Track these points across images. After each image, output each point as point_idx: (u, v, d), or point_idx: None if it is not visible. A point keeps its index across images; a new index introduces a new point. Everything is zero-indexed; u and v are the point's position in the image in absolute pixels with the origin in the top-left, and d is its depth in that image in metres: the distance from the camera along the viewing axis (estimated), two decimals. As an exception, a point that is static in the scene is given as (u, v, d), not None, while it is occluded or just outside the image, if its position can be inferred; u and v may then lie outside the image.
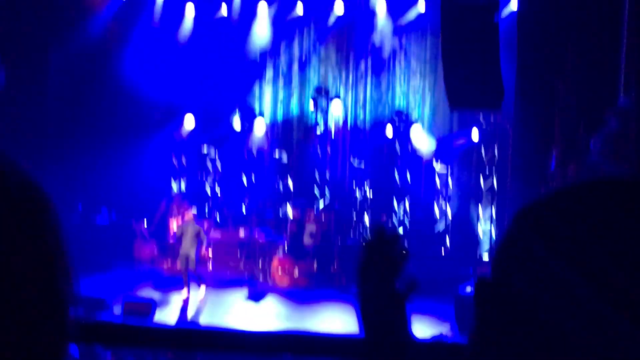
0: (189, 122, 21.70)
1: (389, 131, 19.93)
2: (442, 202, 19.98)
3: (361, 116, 21.24)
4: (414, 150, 20.00)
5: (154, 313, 14.29)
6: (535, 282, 0.99)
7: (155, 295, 15.57)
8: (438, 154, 19.65)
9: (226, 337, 2.48)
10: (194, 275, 16.15)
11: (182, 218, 19.23)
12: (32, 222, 0.91)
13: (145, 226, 19.73)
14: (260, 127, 21.44)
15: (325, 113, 20.39)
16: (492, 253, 1.22)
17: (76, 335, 0.97)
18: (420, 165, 19.97)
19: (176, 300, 16.01)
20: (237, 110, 21.71)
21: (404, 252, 1.82)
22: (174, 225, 19.39)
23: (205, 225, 20.25)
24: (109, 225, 19.55)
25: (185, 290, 15.89)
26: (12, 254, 0.87)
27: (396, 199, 20.25)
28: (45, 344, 0.91)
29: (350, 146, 20.96)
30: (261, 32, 21.40)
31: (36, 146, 19.09)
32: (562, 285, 0.96)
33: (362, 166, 20.76)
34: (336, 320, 14.86)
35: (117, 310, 14.50)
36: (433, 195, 20.02)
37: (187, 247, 16.00)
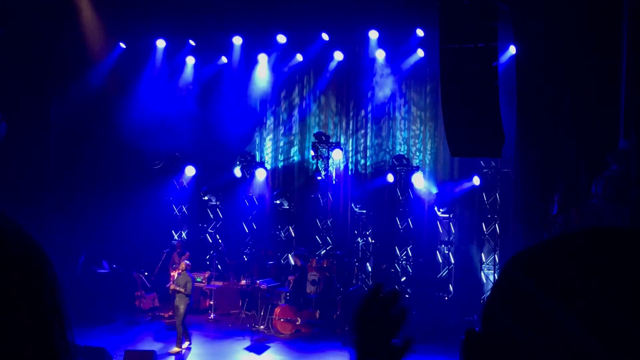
0: (190, 170, 21.78)
1: (390, 177, 19.95)
2: (444, 247, 19.90)
3: (362, 162, 21.30)
4: (416, 196, 19.99)
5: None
6: (525, 329, 1.00)
7: (156, 346, 15.42)
8: (440, 199, 19.63)
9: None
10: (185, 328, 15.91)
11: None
12: (30, 280, 0.92)
13: (146, 276, 19.68)
14: (261, 175, 21.50)
15: (327, 159, 20.46)
16: (483, 304, 1.22)
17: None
18: (422, 211, 19.93)
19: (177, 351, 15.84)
20: (238, 157, 21.81)
21: (403, 310, 1.81)
22: (174, 274, 19.31)
23: (207, 274, 20.18)
24: (111, 276, 19.47)
25: (178, 344, 15.69)
26: (9, 313, 0.87)
27: (398, 245, 20.17)
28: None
29: (352, 192, 20.97)
30: (261, 80, 21.64)
31: (38, 196, 19.15)
32: (552, 330, 0.97)
33: (364, 212, 20.74)
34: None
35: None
36: (435, 241, 19.94)
37: (177, 299, 15.88)
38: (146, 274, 19.76)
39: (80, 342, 14.96)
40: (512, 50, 16.77)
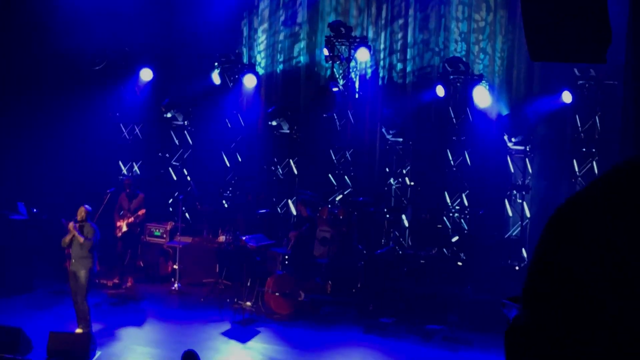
0: (146, 74, 21.72)
1: (440, 90, 19.87)
2: (516, 194, 19.93)
3: (399, 67, 21.18)
4: (478, 118, 19.93)
5: (93, 353, 14.38)
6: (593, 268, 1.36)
7: (95, 326, 15.67)
8: (512, 124, 19.58)
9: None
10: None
11: (134, 213, 19.32)
12: None
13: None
14: (250, 83, 21.43)
15: (347, 62, 20.34)
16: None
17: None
18: (485, 141, 19.90)
19: (125, 334, 16.09)
20: (216, 57, 21.71)
21: None
22: (122, 224, 19.49)
23: (169, 226, 20.34)
24: (30, 225, 19.63)
25: (83, 324, 15.63)
26: None
27: (449, 190, 20.21)
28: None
29: (383, 111, 20.92)
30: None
31: None
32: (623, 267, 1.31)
33: (400, 140, 20.73)
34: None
35: (39, 346, 14.60)
36: (504, 185, 19.97)
37: (73, 262, 15.73)
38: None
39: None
40: None
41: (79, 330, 15.17)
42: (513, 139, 19.67)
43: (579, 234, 1.40)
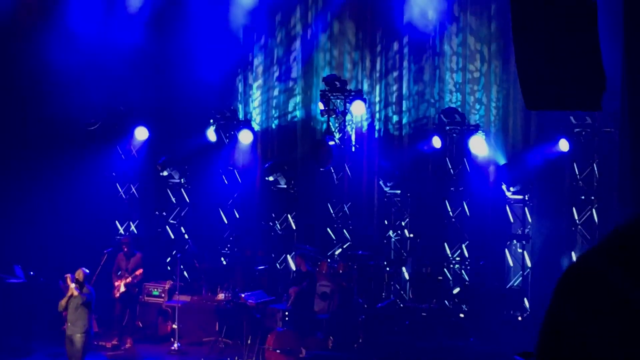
0: (141, 133, 21.76)
1: (437, 141, 19.90)
2: (516, 244, 19.87)
3: (395, 119, 21.23)
4: (475, 169, 19.94)
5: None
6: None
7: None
8: (510, 173, 19.59)
9: None
10: None
11: (131, 273, 19.26)
12: None
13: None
14: (246, 139, 21.46)
15: (343, 116, 20.40)
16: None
17: None
18: (484, 191, 19.90)
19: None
20: (212, 114, 21.77)
21: None
22: (120, 284, 19.40)
23: (168, 285, 20.26)
24: (27, 288, 19.55)
25: None
26: None
27: (449, 241, 20.16)
28: None
29: (380, 164, 20.93)
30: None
31: None
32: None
33: (398, 192, 20.72)
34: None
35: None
36: (504, 235, 19.92)
37: (69, 326, 15.54)
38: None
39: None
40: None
41: None
42: (511, 189, 19.67)
43: (590, 294, 1.41)
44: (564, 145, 19.01)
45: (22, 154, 20.96)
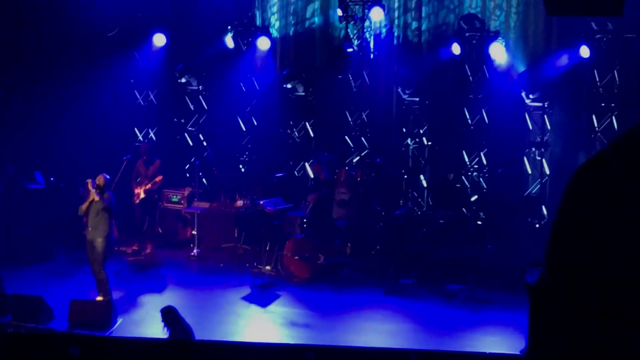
0: (159, 39, 21.66)
1: (456, 48, 19.75)
2: (535, 151, 19.85)
3: (414, 26, 21.05)
4: (494, 76, 19.82)
5: (114, 320, 14.47)
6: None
7: (115, 294, 15.75)
8: (530, 80, 19.47)
9: (218, 353, 2.51)
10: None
11: (151, 180, 19.38)
12: None
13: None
14: (263, 46, 21.35)
15: (361, 22, 20.24)
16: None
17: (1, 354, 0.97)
18: (503, 98, 19.82)
19: (145, 301, 16.18)
20: (230, 23, 21.63)
21: None
22: (140, 190, 19.53)
23: (187, 192, 20.38)
24: (47, 193, 19.70)
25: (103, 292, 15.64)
26: None
27: (467, 149, 20.14)
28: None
29: (399, 71, 20.82)
30: None
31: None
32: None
33: (416, 100, 20.66)
34: (379, 330, 14.91)
35: (60, 315, 14.69)
36: (523, 142, 19.88)
37: (90, 231, 15.71)
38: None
39: (9, 289, 15.30)
40: None
41: (99, 298, 15.24)
42: (531, 96, 19.58)
43: (599, 194, 1.40)
44: (584, 51, 18.85)
45: (42, 62, 20.96)
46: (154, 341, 11.14)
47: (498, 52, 19.56)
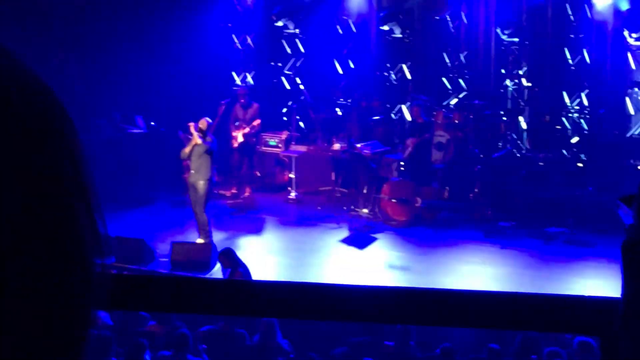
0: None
1: (556, -13, 19.40)
2: (637, 92, 19.43)
3: (513, -35, 20.70)
4: (595, 15, 19.43)
5: (214, 262, 14.71)
6: None
7: (216, 236, 15.98)
8: (632, 20, 19.04)
9: (318, 296, 2.52)
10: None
11: (249, 124, 19.49)
12: (43, 147, 0.92)
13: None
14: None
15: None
16: None
17: (106, 296, 0.99)
18: (604, 37, 19.44)
19: (244, 243, 16.40)
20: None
21: None
22: (238, 134, 19.65)
23: (284, 135, 20.49)
24: (148, 138, 20.02)
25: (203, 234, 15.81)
26: (13, 196, 0.88)
27: (568, 90, 19.82)
28: (64, 309, 0.93)
29: (497, 10, 20.53)
30: None
31: (42, 30, 19.57)
32: None
33: (516, 40, 20.37)
34: (478, 273, 14.89)
35: (162, 256, 15.02)
36: (624, 83, 19.48)
37: (193, 174, 15.80)
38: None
39: (112, 232, 15.65)
40: None
41: (199, 241, 15.49)
42: (633, 35, 19.13)
43: None
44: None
45: (139, 6, 21.07)
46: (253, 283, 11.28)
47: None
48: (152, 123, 20.07)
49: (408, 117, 20.03)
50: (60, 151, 0.94)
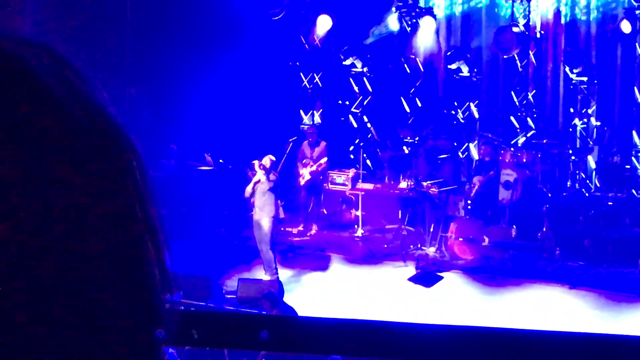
0: (325, 22, 21.81)
1: (626, 26, 19.21)
2: None
3: (581, 4, 20.56)
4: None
5: (281, 299, 14.70)
6: None
7: (282, 273, 16.00)
8: None
9: (383, 334, 2.50)
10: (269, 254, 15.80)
11: (316, 162, 19.52)
12: (112, 181, 0.92)
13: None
14: (428, 26, 21.23)
15: (528, 2, 19.91)
16: None
17: (173, 332, 0.99)
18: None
19: (310, 280, 16.39)
20: (394, 3, 21.60)
21: None
22: (305, 172, 19.69)
23: (351, 173, 20.48)
24: (216, 174, 20.16)
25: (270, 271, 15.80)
26: (80, 224, 0.89)
27: (638, 129, 19.60)
28: (133, 346, 0.94)
29: (566, 49, 20.42)
30: None
31: (112, 64, 19.86)
32: None
33: (585, 79, 20.22)
34: (546, 313, 14.70)
35: (229, 293, 15.07)
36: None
37: (257, 211, 15.79)
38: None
39: (179, 269, 15.76)
40: None
41: (266, 278, 15.51)
42: None
43: None
44: None
45: (210, 42, 21.15)
46: (320, 321, 11.23)
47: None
48: (221, 160, 20.21)
49: (475, 155, 19.94)
50: (130, 189, 0.95)
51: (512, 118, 20.87)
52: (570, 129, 20.42)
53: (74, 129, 0.90)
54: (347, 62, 22.01)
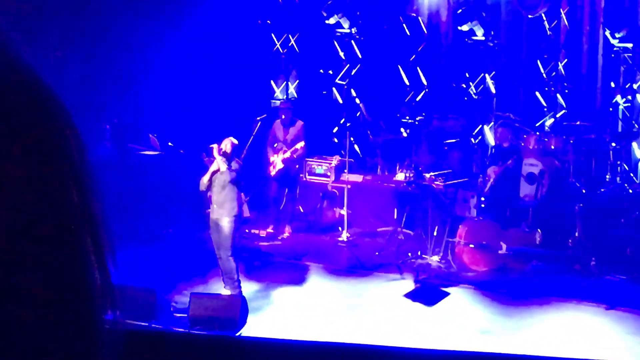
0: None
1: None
2: None
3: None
4: None
5: (244, 321, 14.70)
6: None
7: (247, 287, 16.00)
8: None
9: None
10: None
11: (291, 146, 19.54)
12: (44, 155, 0.91)
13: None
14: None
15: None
16: None
17: (115, 353, 1.00)
18: None
19: (282, 296, 16.41)
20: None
21: None
22: (277, 159, 19.68)
23: (335, 161, 20.51)
24: (165, 161, 20.12)
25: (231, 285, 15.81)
26: (8, 212, 0.87)
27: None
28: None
29: (606, 9, 20.48)
30: None
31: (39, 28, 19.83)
32: None
33: (629, 46, 20.34)
34: (577, 340, 14.78)
35: (179, 311, 15.07)
36: None
37: (215, 209, 15.66)
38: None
39: (116, 279, 15.67)
40: None
41: (225, 292, 15.47)
42: None
43: None
44: None
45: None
46: (292, 344, 11.28)
47: None
48: (170, 143, 20.16)
49: (491, 140, 20.01)
50: (65, 169, 0.94)
51: (537, 94, 20.96)
52: (611, 109, 20.50)
53: None
54: (331, 20, 22.00)
